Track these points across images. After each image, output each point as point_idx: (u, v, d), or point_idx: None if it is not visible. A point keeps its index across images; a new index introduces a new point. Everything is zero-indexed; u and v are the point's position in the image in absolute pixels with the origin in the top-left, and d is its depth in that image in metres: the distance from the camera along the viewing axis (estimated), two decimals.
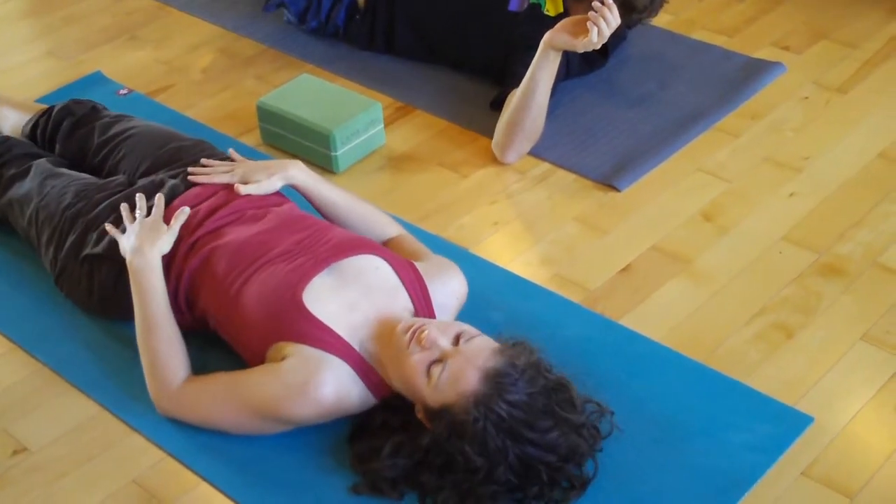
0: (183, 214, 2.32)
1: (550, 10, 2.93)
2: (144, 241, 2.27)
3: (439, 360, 2.02)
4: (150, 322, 2.23)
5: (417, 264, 2.29)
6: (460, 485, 1.98)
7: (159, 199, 2.36)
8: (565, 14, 2.96)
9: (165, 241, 2.29)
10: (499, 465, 1.96)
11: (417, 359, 2.04)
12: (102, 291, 2.40)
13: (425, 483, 2.02)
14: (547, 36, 2.81)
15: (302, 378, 2.08)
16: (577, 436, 2.01)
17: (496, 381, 1.96)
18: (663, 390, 2.27)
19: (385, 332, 2.14)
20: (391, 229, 2.49)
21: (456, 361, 2.00)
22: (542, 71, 2.84)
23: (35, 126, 2.83)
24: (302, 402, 2.09)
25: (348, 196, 2.50)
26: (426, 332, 2.05)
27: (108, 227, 2.33)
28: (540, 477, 1.98)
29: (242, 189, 2.41)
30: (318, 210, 2.49)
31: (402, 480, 2.04)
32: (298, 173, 2.46)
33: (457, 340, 2.05)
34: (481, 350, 2.02)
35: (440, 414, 2.00)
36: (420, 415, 2.07)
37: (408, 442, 2.04)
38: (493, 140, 2.97)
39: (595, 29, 2.72)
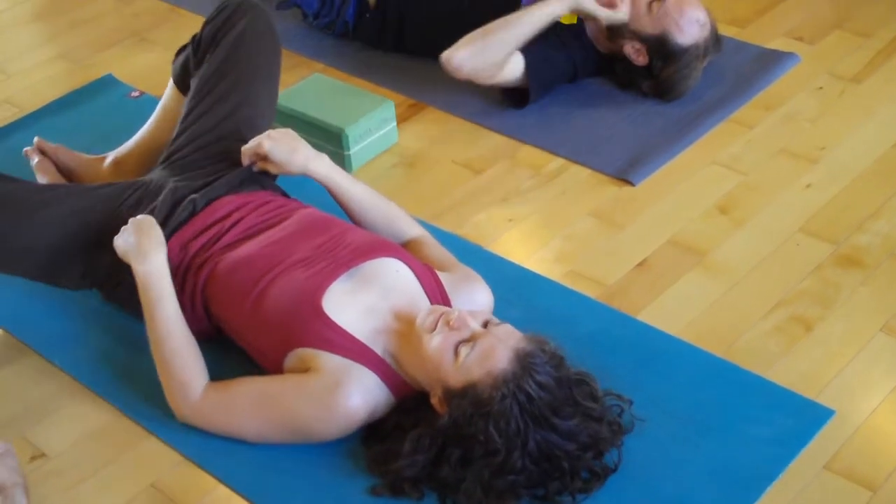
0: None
1: (564, 19, 3.07)
2: (142, 236, 2.24)
3: (468, 340, 2.02)
4: (161, 330, 2.20)
5: (441, 274, 2.28)
6: (480, 474, 1.96)
7: (146, 214, 2.34)
8: (580, 24, 3.13)
9: (159, 233, 2.26)
10: (516, 449, 1.95)
11: (444, 337, 2.03)
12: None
13: (446, 478, 2.00)
14: None
15: (330, 397, 2.07)
16: (597, 425, 2.02)
17: (526, 361, 1.97)
18: (682, 385, 2.25)
19: (405, 325, 2.12)
20: (413, 230, 2.47)
21: (486, 340, 2.00)
22: (545, 8, 2.99)
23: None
24: (333, 421, 2.09)
25: (371, 193, 2.47)
26: (455, 314, 2.06)
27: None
28: (561, 467, 1.98)
29: (255, 167, 2.43)
30: (340, 205, 2.46)
31: (422, 479, 2.03)
32: (320, 167, 2.42)
33: (485, 325, 2.06)
34: (511, 333, 2.03)
35: (463, 392, 1.98)
36: (435, 399, 2.05)
37: (426, 433, 2.02)
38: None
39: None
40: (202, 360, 2.21)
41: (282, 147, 2.41)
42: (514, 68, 3.05)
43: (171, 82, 2.82)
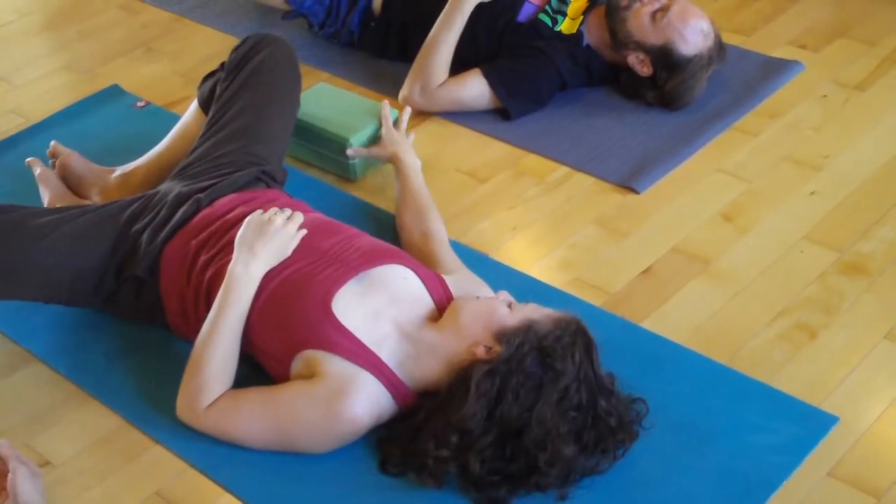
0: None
1: (565, 28, 3.14)
2: (262, 240, 2.22)
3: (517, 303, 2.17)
4: (216, 332, 2.18)
5: (447, 278, 2.30)
6: (549, 397, 1.99)
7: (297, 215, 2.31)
8: (579, 36, 3.14)
9: (280, 245, 2.24)
10: (575, 381, 2.01)
11: (497, 301, 2.15)
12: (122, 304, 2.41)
13: (507, 416, 1.99)
14: None
15: (335, 404, 2.08)
16: (618, 410, 2.08)
17: (574, 321, 2.10)
18: (686, 392, 2.26)
19: (414, 328, 2.16)
20: (437, 225, 2.58)
21: (531, 305, 2.15)
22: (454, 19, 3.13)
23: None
24: (337, 429, 2.10)
25: (429, 196, 2.68)
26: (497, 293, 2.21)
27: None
28: (587, 423, 2.03)
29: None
30: (400, 190, 2.70)
31: (486, 431, 2.01)
32: (407, 159, 2.74)
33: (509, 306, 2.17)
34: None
35: (525, 326, 2.06)
36: (481, 349, 2.06)
37: (485, 376, 2.02)
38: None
39: None
40: (232, 380, 2.20)
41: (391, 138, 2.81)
42: (473, 89, 3.12)
43: (195, 104, 2.85)
